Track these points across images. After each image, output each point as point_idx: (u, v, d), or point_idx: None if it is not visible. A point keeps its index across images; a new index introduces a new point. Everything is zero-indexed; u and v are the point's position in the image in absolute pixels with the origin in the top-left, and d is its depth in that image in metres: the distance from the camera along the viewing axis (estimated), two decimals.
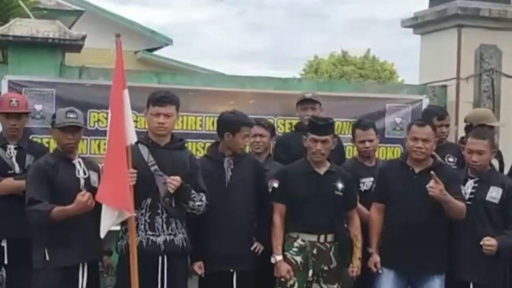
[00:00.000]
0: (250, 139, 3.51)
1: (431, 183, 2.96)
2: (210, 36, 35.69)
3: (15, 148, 3.20)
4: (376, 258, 3.17)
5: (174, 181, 2.84)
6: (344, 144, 3.89)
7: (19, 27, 3.72)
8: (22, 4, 4.68)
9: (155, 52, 11.46)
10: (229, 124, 3.16)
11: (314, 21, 38.16)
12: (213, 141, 3.41)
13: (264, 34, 40.01)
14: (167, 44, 11.72)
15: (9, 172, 3.16)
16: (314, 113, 3.58)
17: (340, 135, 3.95)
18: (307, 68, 18.55)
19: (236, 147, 3.17)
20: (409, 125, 3.28)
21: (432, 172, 2.98)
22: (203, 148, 4.00)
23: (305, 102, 3.69)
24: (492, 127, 3.68)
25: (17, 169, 3.17)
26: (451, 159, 3.56)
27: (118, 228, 2.93)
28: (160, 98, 2.94)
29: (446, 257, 3.15)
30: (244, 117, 3.20)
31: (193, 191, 2.93)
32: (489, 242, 3.05)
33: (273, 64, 27.71)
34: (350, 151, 3.99)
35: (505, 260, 3.17)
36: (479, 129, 3.53)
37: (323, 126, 3.11)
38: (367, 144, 3.50)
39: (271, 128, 3.66)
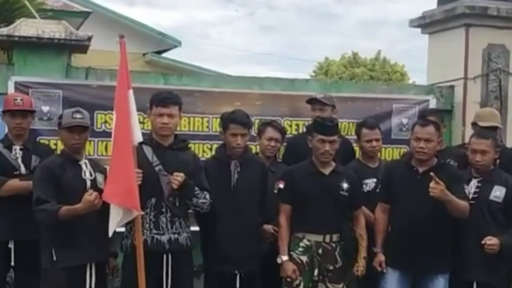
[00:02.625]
0: (265, 142, 3.52)
1: (432, 184, 2.96)
2: (219, 38, 35.80)
3: (20, 149, 3.21)
4: (381, 257, 3.18)
5: (178, 177, 2.86)
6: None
7: (25, 28, 3.71)
8: (27, 4, 4.69)
9: (164, 54, 11.51)
10: (221, 122, 3.20)
11: (325, 22, 38.13)
12: (219, 142, 3.41)
13: (274, 35, 39.99)
14: (175, 46, 11.77)
15: (15, 173, 3.17)
16: (323, 114, 3.56)
17: (347, 136, 3.95)
18: (317, 70, 18.52)
19: (229, 146, 3.16)
20: (413, 125, 3.29)
21: (431, 173, 2.98)
22: (210, 149, 4.00)
23: (314, 102, 3.67)
24: (495, 128, 3.64)
25: (23, 170, 3.18)
26: (451, 163, 3.50)
27: (123, 229, 2.95)
28: (163, 99, 2.97)
29: (451, 257, 3.15)
30: (237, 115, 3.15)
31: (196, 189, 2.95)
32: (490, 242, 3.05)
33: (283, 66, 27.80)
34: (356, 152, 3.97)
35: (508, 259, 3.16)
36: (482, 129, 3.52)
37: (331, 127, 3.11)
38: (374, 143, 3.51)
39: (284, 131, 3.68)
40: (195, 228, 3.18)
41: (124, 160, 2.73)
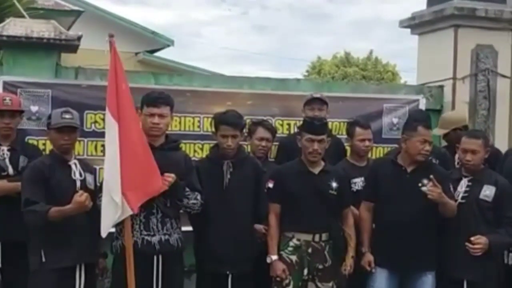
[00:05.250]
0: (256, 142, 3.52)
1: (429, 186, 2.98)
2: (212, 37, 35.78)
3: (8, 150, 3.18)
4: (369, 257, 3.19)
5: (169, 177, 2.85)
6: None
7: (14, 27, 3.68)
8: (16, 3, 4.66)
9: (157, 54, 11.48)
10: (213, 122, 3.20)
11: (317, 22, 38.22)
12: (211, 142, 3.41)
13: (267, 35, 40.07)
14: (168, 45, 11.76)
15: (2, 174, 3.13)
16: (321, 114, 3.58)
17: (338, 136, 3.96)
18: (310, 69, 18.59)
19: (220, 147, 3.16)
20: (414, 126, 3.20)
21: (431, 176, 3.00)
22: (201, 149, 3.99)
23: (313, 102, 3.66)
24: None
25: (10, 170, 3.15)
26: (433, 161, 3.52)
27: (113, 230, 2.93)
28: (154, 99, 2.95)
29: (437, 254, 3.17)
30: (228, 116, 3.15)
31: (187, 189, 2.94)
32: (477, 241, 3.07)
33: (276, 66, 27.86)
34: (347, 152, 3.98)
35: (497, 258, 3.21)
36: (472, 129, 3.57)
37: (320, 126, 3.12)
38: (367, 143, 3.54)
39: (275, 131, 3.67)
40: (187, 228, 3.17)
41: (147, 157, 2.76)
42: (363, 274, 3.21)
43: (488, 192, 3.15)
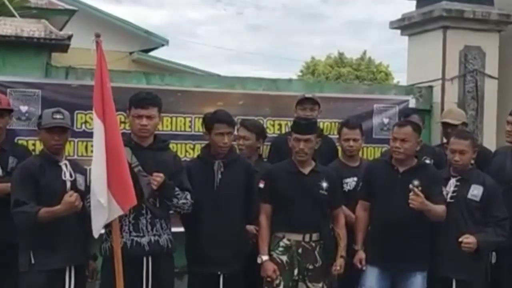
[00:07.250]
0: (236, 141, 3.53)
1: (411, 195, 3.01)
2: (207, 37, 35.78)
3: None
4: (361, 255, 3.22)
5: (158, 177, 2.84)
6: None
7: (3, 26, 3.66)
8: (6, 2, 4.63)
9: (151, 53, 11.47)
10: (205, 122, 3.18)
11: (312, 22, 38.23)
12: (202, 142, 3.41)
13: (261, 35, 40.06)
14: (162, 45, 11.75)
15: None
16: (313, 114, 3.59)
17: (329, 136, 3.99)
18: (304, 69, 18.63)
19: (215, 145, 3.14)
20: (394, 125, 3.34)
21: (411, 185, 3.03)
22: (192, 149, 4.00)
23: (305, 102, 3.67)
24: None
25: None
26: (427, 161, 3.56)
27: (102, 231, 2.91)
28: (142, 100, 2.93)
29: (428, 254, 3.20)
30: (221, 114, 3.15)
31: (177, 189, 2.93)
32: (467, 240, 3.10)
33: (271, 66, 27.82)
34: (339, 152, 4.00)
35: (485, 257, 3.24)
36: (461, 129, 3.60)
37: (305, 125, 3.13)
38: (351, 143, 3.54)
39: (259, 130, 3.63)
40: (177, 229, 3.17)
41: (120, 160, 2.72)
42: (354, 274, 3.22)
43: (476, 191, 3.19)
